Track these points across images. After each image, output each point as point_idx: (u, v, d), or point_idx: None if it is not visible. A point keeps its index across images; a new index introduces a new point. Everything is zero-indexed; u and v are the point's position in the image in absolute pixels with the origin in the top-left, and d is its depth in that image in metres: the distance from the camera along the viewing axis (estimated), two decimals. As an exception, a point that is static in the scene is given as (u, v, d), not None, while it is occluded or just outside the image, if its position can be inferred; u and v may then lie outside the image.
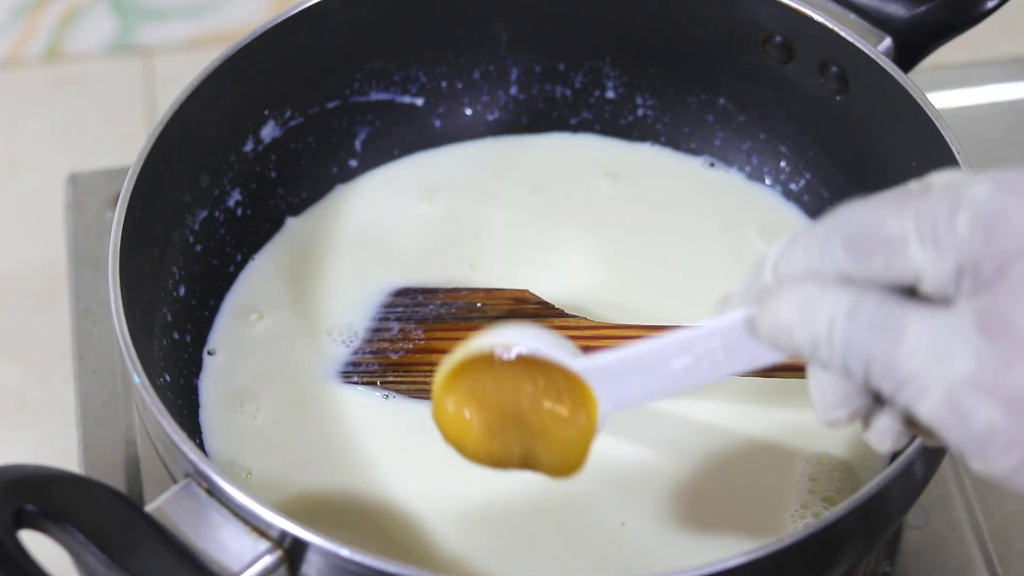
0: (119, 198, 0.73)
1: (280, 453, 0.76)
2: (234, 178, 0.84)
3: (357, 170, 0.89)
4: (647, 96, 0.89)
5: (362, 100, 0.88)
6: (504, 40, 0.89)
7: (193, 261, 0.81)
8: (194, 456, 0.64)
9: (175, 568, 0.61)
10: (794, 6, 0.81)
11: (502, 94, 0.90)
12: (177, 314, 0.79)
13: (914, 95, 0.76)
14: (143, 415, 0.68)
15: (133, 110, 1.13)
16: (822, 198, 0.86)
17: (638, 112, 0.90)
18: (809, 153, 0.86)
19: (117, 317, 0.69)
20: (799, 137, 0.86)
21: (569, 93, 0.90)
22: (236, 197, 0.84)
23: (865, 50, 0.79)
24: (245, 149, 0.84)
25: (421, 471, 0.73)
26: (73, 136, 1.12)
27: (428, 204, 0.87)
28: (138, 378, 0.67)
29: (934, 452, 0.66)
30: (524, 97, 0.90)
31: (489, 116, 0.90)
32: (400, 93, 0.89)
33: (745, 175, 0.88)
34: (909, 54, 0.80)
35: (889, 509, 0.67)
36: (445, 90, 0.90)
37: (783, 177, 0.87)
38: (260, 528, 0.63)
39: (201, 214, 0.82)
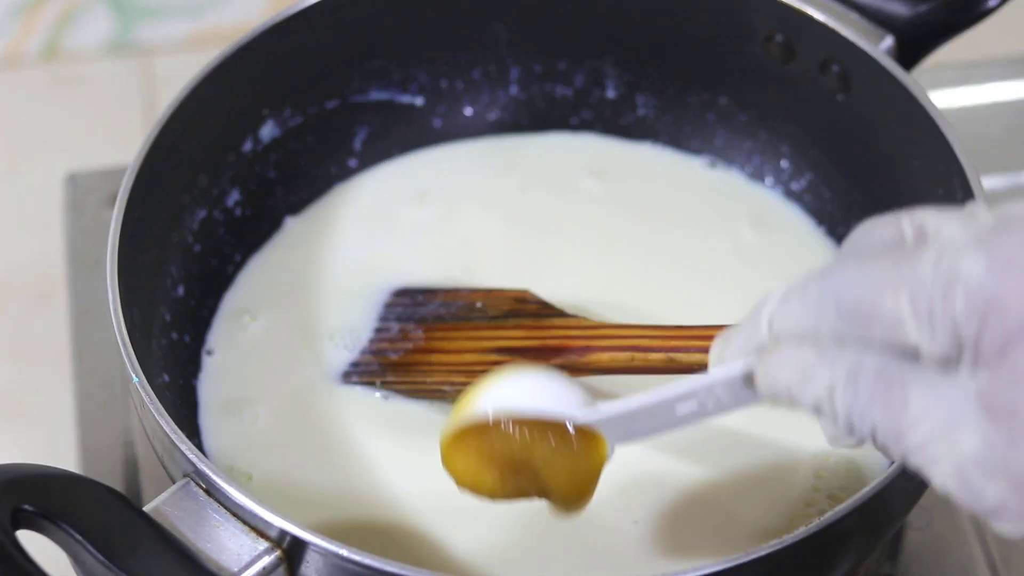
0: (117, 198, 0.73)
1: (280, 455, 0.76)
2: (233, 178, 0.84)
3: (356, 170, 0.88)
4: (648, 95, 0.89)
5: (362, 100, 0.88)
6: (504, 40, 0.88)
7: (192, 261, 0.81)
8: (193, 456, 0.64)
9: (173, 568, 0.61)
10: (795, 5, 0.81)
11: (502, 94, 0.90)
12: (176, 314, 0.79)
13: (916, 94, 0.76)
14: (141, 415, 0.68)
15: (132, 109, 1.13)
16: (823, 198, 0.86)
17: (639, 112, 0.90)
18: (810, 152, 0.86)
19: (115, 317, 0.69)
20: (800, 136, 0.86)
21: (569, 93, 0.90)
22: (235, 197, 0.84)
23: (866, 49, 0.78)
24: (244, 149, 0.84)
25: (421, 471, 0.73)
26: (71, 135, 1.12)
27: (428, 204, 0.87)
28: (136, 378, 0.67)
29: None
30: (524, 97, 0.90)
31: (489, 116, 0.90)
32: (400, 93, 0.89)
33: (746, 175, 0.88)
34: (910, 53, 0.80)
35: (891, 509, 0.67)
36: (445, 90, 0.89)
37: (784, 177, 0.87)
38: (259, 528, 0.63)
39: (200, 214, 0.82)
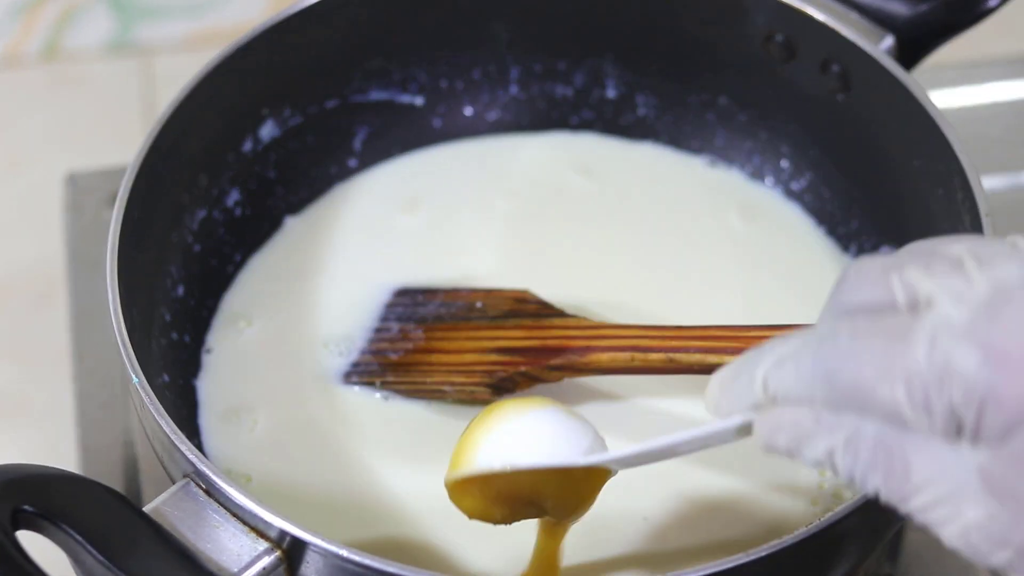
0: (117, 198, 0.73)
1: (280, 457, 0.76)
2: (233, 178, 0.84)
3: (356, 170, 0.88)
4: (648, 95, 0.89)
5: (361, 99, 0.88)
6: (504, 39, 0.88)
7: (192, 261, 0.81)
8: (192, 456, 0.64)
9: (173, 568, 0.61)
10: (795, 5, 0.81)
11: (502, 93, 0.90)
12: (176, 314, 0.79)
13: (916, 94, 0.76)
14: (141, 415, 0.68)
15: (131, 109, 1.13)
16: (823, 198, 0.85)
17: (639, 111, 0.89)
18: (810, 152, 0.86)
19: (115, 317, 0.69)
20: (800, 136, 0.86)
21: (570, 92, 0.90)
22: (235, 197, 0.84)
23: (867, 49, 0.78)
24: (244, 149, 0.84)
25: (421, 471, 0.73)
26: (71, 135, 1.12)
27: (427, 204, 0.87)
28: (136, 378, 0.67)
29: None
30: (524, 97, 0.90)
31: (489, 116, 0.90)
32: (400, 93, 0.89)
33: (746, 174, 0.88)
34: (911, 53, 0.80)
35: (891, 509, 0.67)
36: (445, 90, 0.89)
37: (784, 176, 0.87)
38: (259, 528, 0.63)
39: (200, 214, 0.82)
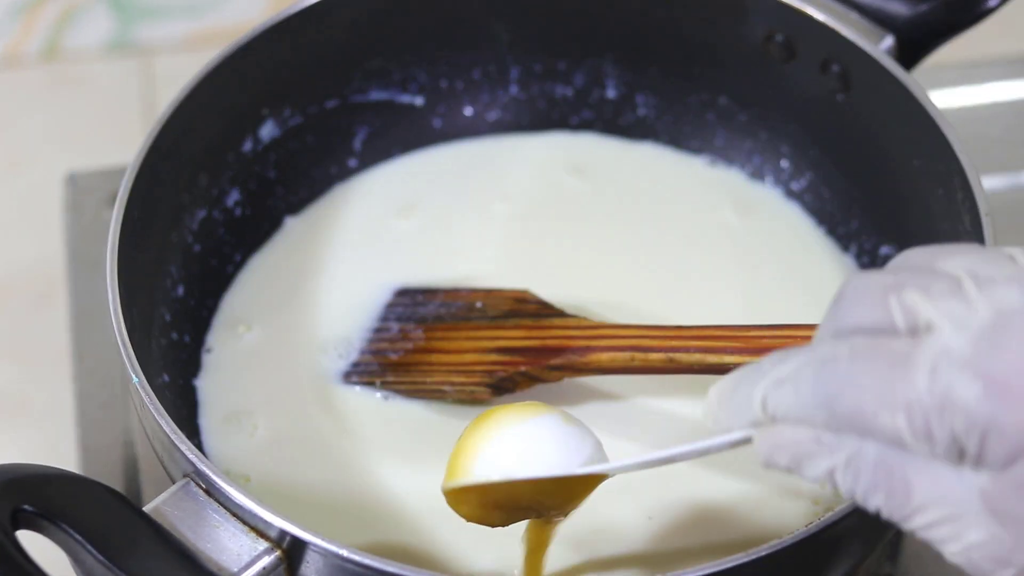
0: (117, 198, 0.73)
1: (279, 457, 0.76)
2: (233, 178, 0.84)
3: (356, 170, 0.88)
4: (648, 95, 0.89)
5: (361, 99, 0.88)
6: (504, 39, 0.88)
7: (192, 261, 0.81)
8: (192, 456, 0.64)
9: (173, 568, 0.61)
10: (795, 5, 0.81)
11: (502, 93, 0.90)
12: (176, 314, 0.79)
13: (916, 94, 0.76)
14: (141, 415, 0.68)
15: (131, 109, 1.13)
16: (823, 198, 0.85)
17: (639, 111, 0.89)
18: (810, 152, 0.86)
19: (115, 317, 0.69)
20: (800, 136, 0.86)
21: (570, 92, 0.90)
22: (235, 197, 0.84)
23: (867, 49, 0.78)
24: (244, 149, 0.84)
25: (421, 471, 0.73)
26: (71, 135, 1.12)
27: (427, 203, 0.87)
28: (136, 378, 0.67)
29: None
30: (524, 97, 0.90)
31: (489, 116, 0.90)
32: (400, 93, 0.89)
33: (746, 174, 0.88)
34: (911, 53, 0.80)
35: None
36: (445, 90, 0.89)
37: (784, 176, 0.87)
38: (259, 528, 0.63)
39: (200, 214, 0.82)
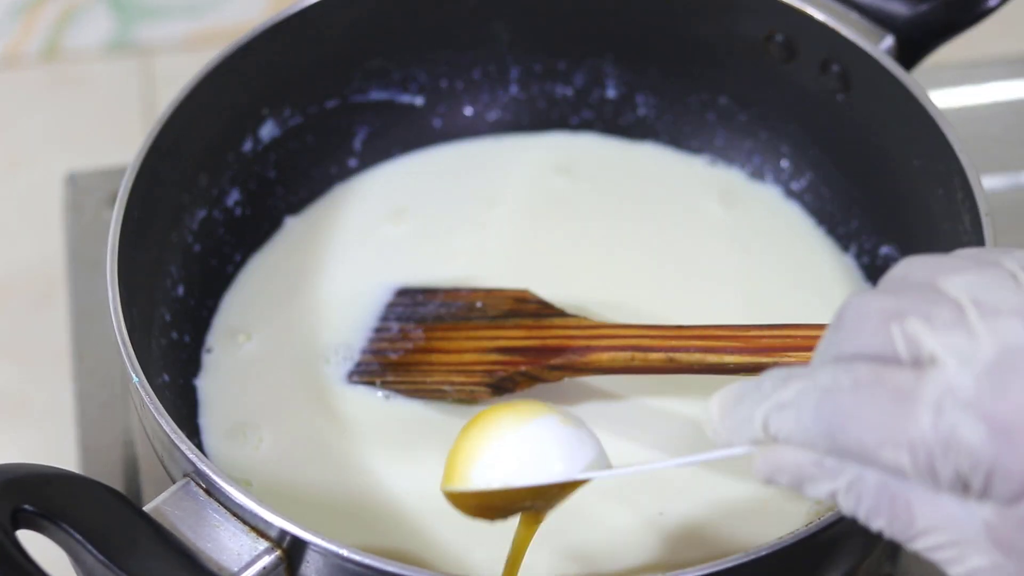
0: (117, 198, 0.73)
1: (280, 457, 0.76)
2: (233, 178, 0.84)
3: (356, 169, 0.88)
4: (648, 95, 0.89)
5: (362, 100, 0.88)
6: (504, 39, 0.88)
7: (192, 261, 0.81)
8: (192, 456, 0.64)
9: (173, 568, 0.61)
10: (795, 5, 0.81)
11: (502, 93, 0.90)
12: (176, 314, 0.79)
13: (916, 94, 0.76)
14: (141, 415, 0.68)
15: (131, 109, 1.13)
16: (823, 197, 0.85)
17: (639, 111, 0.89)
18: (810, 152, 0.86)
19: (115, 317, 0.69)
20: (800, 136, 0.86)
21: (570, 92, 0.90)
22: (235, 197, 0.84)
23: (867, 49, 0.78)
24: (244, 148, 0.84)
25: (421, 471, 0.73)
26: (71, 135, 1.12)
27: (427, 203, 0.87)
28: (136, 378, 0.67)
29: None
30: (524, 97, 0.90)
31: (489, 116, 0.90)
32: (400, 93, 0.89)
33: (746, 174, 0.88)
34: (911, 53, 0.80)
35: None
36: (445, 90, 0.89)
37: (784, 176, 0.87)
38: (259, 528, 0.63)
39: (200, 214, 0.82)
